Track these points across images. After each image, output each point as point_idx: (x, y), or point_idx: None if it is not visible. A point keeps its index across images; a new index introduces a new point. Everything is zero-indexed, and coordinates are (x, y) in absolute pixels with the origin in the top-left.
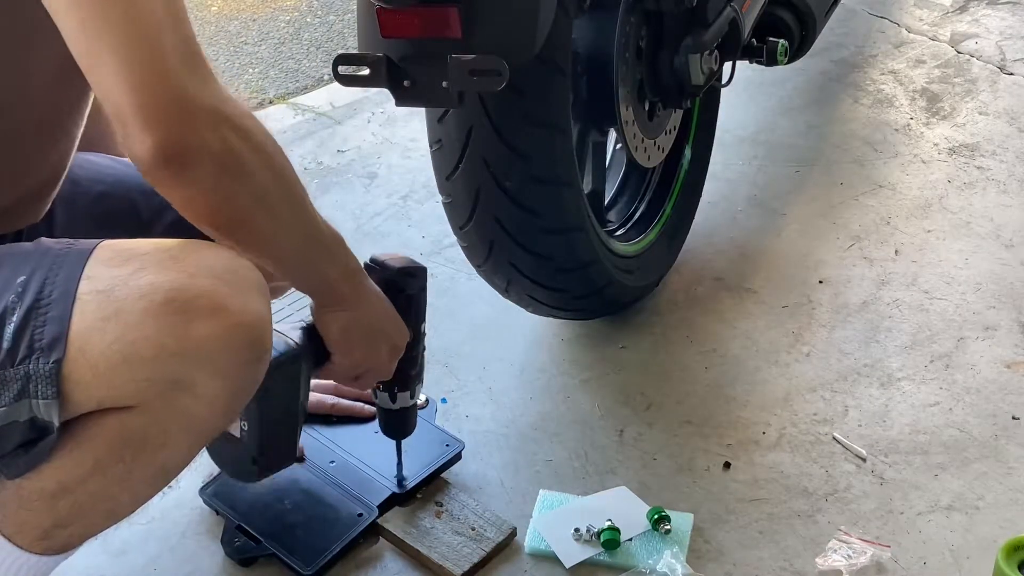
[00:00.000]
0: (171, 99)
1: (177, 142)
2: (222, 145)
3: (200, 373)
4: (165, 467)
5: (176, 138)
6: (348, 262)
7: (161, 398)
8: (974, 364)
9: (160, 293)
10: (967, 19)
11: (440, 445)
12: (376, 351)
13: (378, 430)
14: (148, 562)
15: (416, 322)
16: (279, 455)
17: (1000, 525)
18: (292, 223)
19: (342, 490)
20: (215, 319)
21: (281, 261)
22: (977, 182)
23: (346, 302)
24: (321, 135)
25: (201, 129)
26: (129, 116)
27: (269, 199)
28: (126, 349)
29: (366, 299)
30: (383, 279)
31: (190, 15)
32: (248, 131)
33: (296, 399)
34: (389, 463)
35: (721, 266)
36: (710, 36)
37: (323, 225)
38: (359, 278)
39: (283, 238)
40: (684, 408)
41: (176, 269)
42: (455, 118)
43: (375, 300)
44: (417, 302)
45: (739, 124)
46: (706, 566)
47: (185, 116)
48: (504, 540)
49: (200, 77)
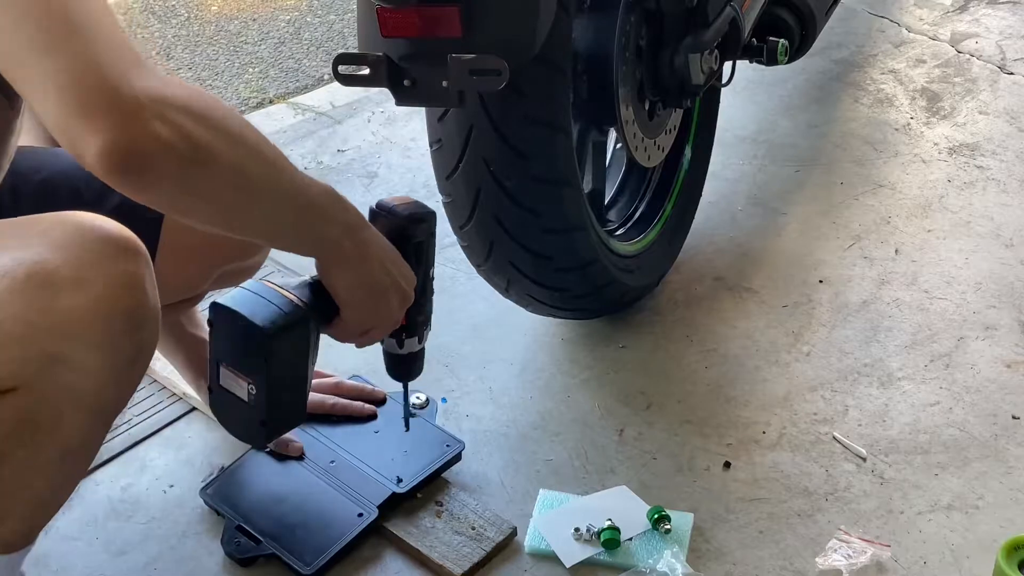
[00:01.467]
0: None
1: (128, 141)
2: (178, 133)
3: (74, 347)
4: (69, 447)
5: (127, 137)
6: (347, 217)
7: (40, 376)
8: (974, 364)
9: (22, 268)
10: (967, 19)
11: (440, 445)
12: (385, 304)
13: (379, 430)
14: (148, 562)
15: (425, 268)
16: (288, 417)
17: (1000, 525)
18: (277, 195)
19: (342, 490)
20: (80, 290)
21: (276, 236)
22: (977, 181)
23: (351, 258)
24: (321, 135)
25: (151, 122)
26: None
27: (244, 178)
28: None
29: (371, 252)
30: (390, 226)
31: (189, 15)
32: (203, 110)
33: (305, 360)
34: (389, 463)
35: (721, 265)
36: (710, 35)
37: (311, 185)
38: (361, 232)
39: (268, 214)
40: (684, 408)
41: (40, 243)
42: (455, 118)
43: (381, 252)
44: (426, 248)
45: (739, 124)
46: (706, 565)
47: (131, 111)
48: (504, 540)
49: (135, 67)
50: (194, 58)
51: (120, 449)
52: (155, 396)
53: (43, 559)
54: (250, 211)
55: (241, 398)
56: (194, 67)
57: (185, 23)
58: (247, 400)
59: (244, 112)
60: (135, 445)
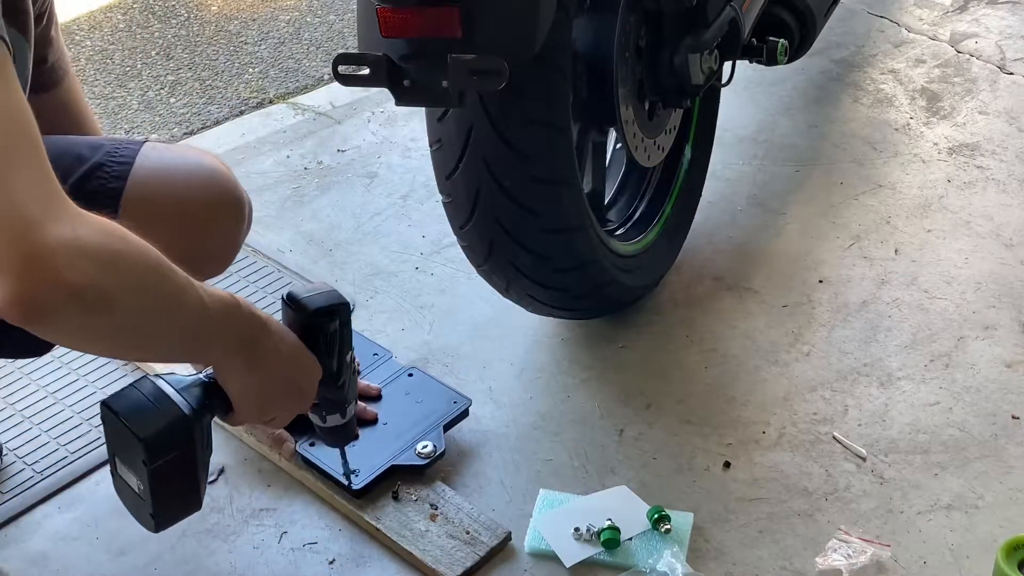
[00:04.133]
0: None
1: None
2: (82, 281)
3: None
4: None
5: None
6: (242, 331)
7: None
8: (974, 363)
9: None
10: (967, 19)
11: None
12: (280, 402)
13: (387, 421)
14: (148, 562)
15: (339, 357)
16: (177, 508)
17: (1000, 524)
18: (171, 329)
19: None
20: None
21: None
22: (977, 181)
23: (242, 371)
24: (321, 135)
25: (57, 270)
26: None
27: (142, 318)
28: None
29: (266, 360)
30: (298, 319)
31: (189, 15)
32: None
33: (192, 458)
34: None
35: (721, 265)
36: (710, 36)
37: (209, 305)
38: (256, 343)
39: (162, 345)
40: (684, 408)
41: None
42: (455, 118)
43: (276, 358)
44: (338, 338)
45: (739, 124)
46: (706, 565)
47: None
48: (498, 544)
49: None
50: (194, 58)
51: None
52: None
53: (43, 559)
54: (144, 347)
55: (134, 489)
56: (194, 67)
57: (185, 23)
58: (138, 492)
59: (244, 112)
60: None
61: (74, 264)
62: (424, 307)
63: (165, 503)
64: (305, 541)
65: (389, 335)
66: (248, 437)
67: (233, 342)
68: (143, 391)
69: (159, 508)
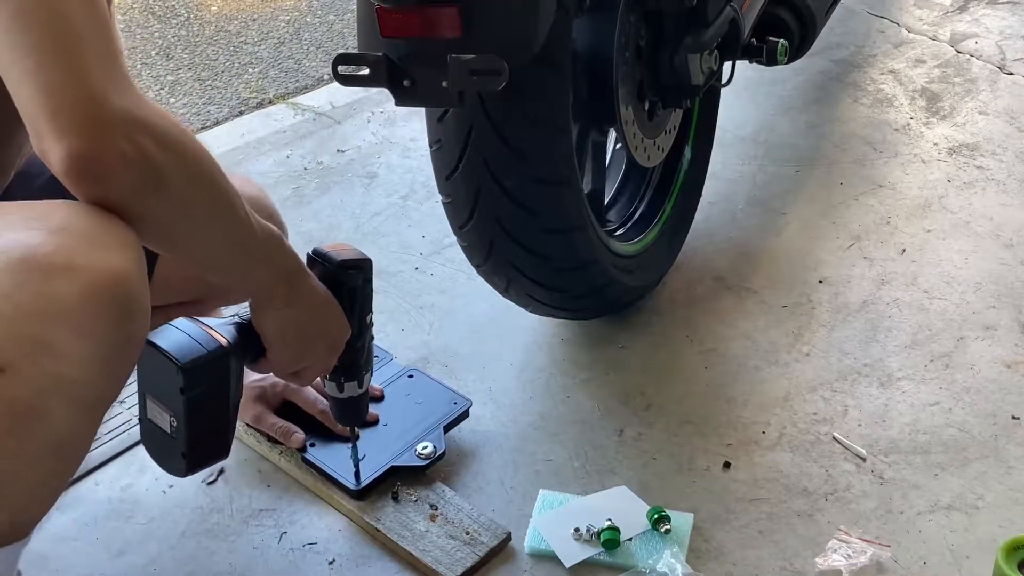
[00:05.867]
0: (86, 106)
1: (91, 151)
2: (139, 154)
3: (61, 333)
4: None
5: (90, 147)
6: (285, 262)
7: (27, 359)
8: (974, 364)
9: (17, 250)
10: (967, 19)
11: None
12: (313, 349)
13: (387, 422)
14: (148, 562)
15: (360, 315)
16: (208, 450)
17: (1000, 525)
18: (218, 231)
19: None
20: (72, 276)
21: (209, 268)
22: (977, 182)
23: (282, 304)
24: (321, 135)
25: (117, 138)
26: (43, 122)
27: (192, 209)
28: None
29: (304, 298)
30: (324, 273)
31: (189, 15)
32: (169, 139)
33: (226, 396)
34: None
35: (721, 266)
36: (710, 36)
37: (256, 227)
38: (297, 278)
39: (209, 246)
40: (684, 408)
41: (37, 227)
42: (455, 118)
43: (314, 298)
44: (361, 295)
45: (739, 124)
46: (706, 565)
47: (100, 123)
48: (498, 545)
49: (119, 85)
50: (194, 58)
51: (120, 449)
52: None
53: (43, 559)
54: (191, 242)
55: (164, 430)
56: (194, 67)
57: (185, 23)
58: (169, 432)
59: (244, 112)
60: (135, 445)
61: (135, 136)
62: (424, 307)
63: (197, 439)
64: (305, 541)
65: (389, 335)
66: (248, 437)
67: (278, 269)
68: (181, 327)
69: (191, 445)
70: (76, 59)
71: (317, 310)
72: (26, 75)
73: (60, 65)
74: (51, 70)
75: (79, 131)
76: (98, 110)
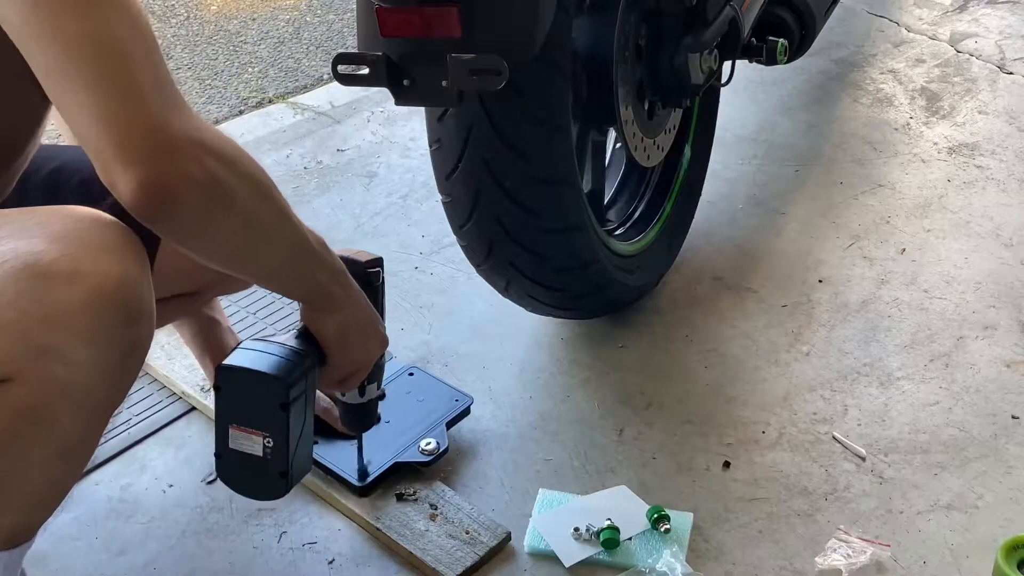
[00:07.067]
0: (150, 133)
1: (161, 177)
2: (206, 175)
3: (67, 339)
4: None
5: (159, 173)
6: (334, 263)
7: (34, 367)
8: (974, 363)
9: (21, 258)
10: (967, 18)
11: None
12: (371, 347)
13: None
14: (148, 562)
15: (381, 313)
16: (304, 463)
17: (1000, 524)
18: (282, 240)
19: None
20: (76, 283)
21: (274, 278)
22: (977, 181)
23: (337, 302)
24: (321, 134)
25: (184, 161)
26: (108, 154)
27: (258, 222)
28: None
29: (354, 297)
30: (354, 274)
31: (188, 14)
32: (230, 157)
33: (313, 403)
34: None
35: (721, 265)
36: (710, 35)
37: (308, 232)
38: (345, 277)
39: (275, 256)
40: (684, 407)
41: (39, 234)
42: (455, 118)
43: (360, 298)
44: (382, 294)
45: (739, 124)
46: (706, 565)
47: (166, 149)
48: (498, 544)
49: (176, 108)
50: (193, 58)
51: (119, 449)
52: (155, 396)
53: (43, 559)
54: (254, 255)
55: (256, 455)
56: (193, 67)
57: (184, 23)
58: (263, 455)
59: (243, 112)
60: (134, 445)
61: (200, 158)
62: (424, 307)
63: (296, 453)
64: (305, 541)
65: (389, 334)
66: None
67: (331, 271)
68: (255, 348)
69: (291, 462)
70: (133, 88)
71: (366, 310)
72: (86, 110)
73: (118, 96)
74: (110, 102)
75: (147, 160)
76: (162, 137)
